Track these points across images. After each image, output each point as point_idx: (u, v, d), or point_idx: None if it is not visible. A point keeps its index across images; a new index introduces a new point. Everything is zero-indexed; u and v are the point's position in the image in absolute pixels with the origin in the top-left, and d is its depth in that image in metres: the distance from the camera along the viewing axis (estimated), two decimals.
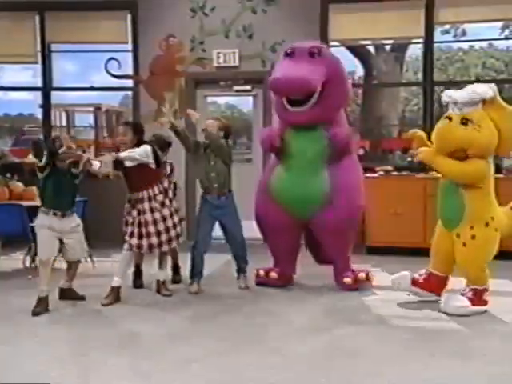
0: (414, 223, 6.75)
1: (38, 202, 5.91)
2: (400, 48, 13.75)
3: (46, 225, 4.74)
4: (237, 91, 8.10)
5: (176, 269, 5.70)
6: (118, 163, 4.88)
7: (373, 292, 5.23)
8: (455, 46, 18.48)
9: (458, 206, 4.58)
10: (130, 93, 8.56)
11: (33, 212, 5.95)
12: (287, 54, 5.20)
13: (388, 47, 13.30)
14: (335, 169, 5.13)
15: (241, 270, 5.43)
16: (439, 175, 4.90)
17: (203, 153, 5.31)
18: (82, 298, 5.02)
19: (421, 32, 7.55)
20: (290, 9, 7.78)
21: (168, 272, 5.42)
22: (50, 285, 4.73)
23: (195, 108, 8.09)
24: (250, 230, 5.70)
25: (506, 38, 7.41)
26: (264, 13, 7.82)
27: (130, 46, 8.21)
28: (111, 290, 4.96)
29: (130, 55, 8.23)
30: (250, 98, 8.30)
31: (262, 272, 5.44)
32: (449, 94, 4.60)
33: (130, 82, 8.25)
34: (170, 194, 5.12)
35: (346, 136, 5.14)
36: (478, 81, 16.48)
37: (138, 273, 5.50)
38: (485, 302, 4.58)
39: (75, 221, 4.94)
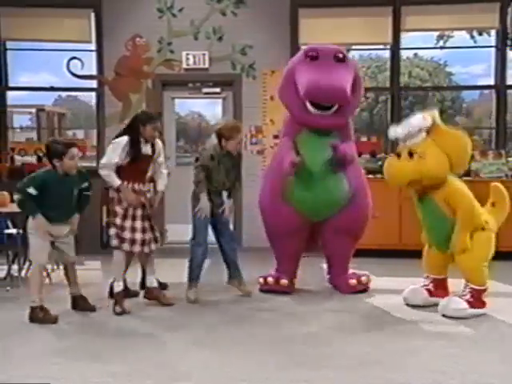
0: (390, 225, 6.59)
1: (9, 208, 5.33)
2: None
3: (42, 228, 4.21)
4: (205, 93, 7.64)
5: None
6: None
7: (372, 295, 4.99)
8: (385, 54, 18.71)
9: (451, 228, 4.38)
10: (64, 94, 7.88)
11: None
12: (311, 58, 4.79)
13: None
14: (349, 170, 4.91)
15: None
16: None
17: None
18: (93, 309, 4.49)
19: (388, 38, 7.40)
20: (260, 12, 7.42)
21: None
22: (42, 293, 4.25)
23: (162, 110, 7.61)
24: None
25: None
26: (234, 15, 7.42)
27: (93, 46, 7.57)
28: (118, 295, 4.47)
29: (93, 55, 7.59)
30: (188, 102, 7.82)
31: (270, 279, 4.99)
32: (392, 131, 4.53)
33: (93, 83, 7.62)
34: None
35: (349, 151, 4.88)
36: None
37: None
38: (483, 304, 4.40)
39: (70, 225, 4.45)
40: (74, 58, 7.48)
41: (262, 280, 5.05)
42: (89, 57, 7.61)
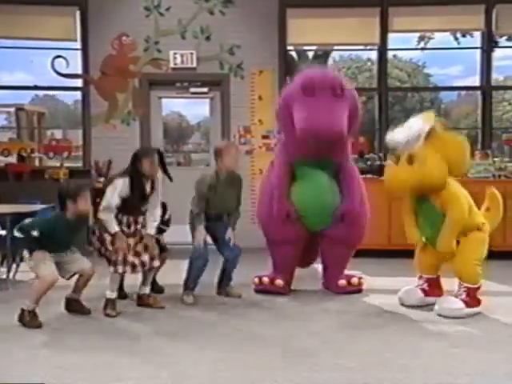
0: (380, 225, 6.58)
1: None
2: (322, 56, 13.79)
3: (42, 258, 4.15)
4: (193, 93, 7.57)
5: (120, 284, 4.85)
6: None
7: (366, 295, 4.97)
8: (365, 55, 18.79)
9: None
10: (41, 93, 7.71)
11: None
12: (306, 91, 4.53)
13: (311, 54, 13.25)
14: (347, 180, 4.95)
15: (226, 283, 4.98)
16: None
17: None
18: (88, 312, 4.38)
19: (376, 39, 7.43)
20: (248, 12, 7.37)
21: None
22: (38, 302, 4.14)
23: (149, 109, 7.52)
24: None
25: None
26: (222, 14, 7.36)
27: (78, 44, 7.44)
28: (112, 302, 4.39)
29: (78, 54, 7.46)
30: (168, 102, 7.76)
31: (265, 279, 4.97)
32: (390, 138, 4.50)
33: (79, 82, 7.50)
34: None
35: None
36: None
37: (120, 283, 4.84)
38: (478, 302, 4.43)
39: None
40: (59, 56, 7.37)
41: (256, 280, 5.02)
42: (73, 55, 7.49)
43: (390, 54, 19.53)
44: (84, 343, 3.76)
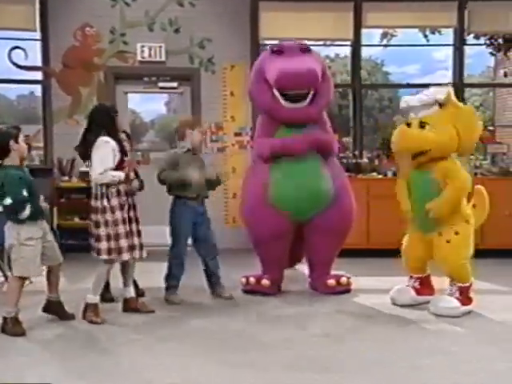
0: (358, 225, 6.55)
1: None
2: None
3: (37, 236, 3.95)
4: (161, 88, 7.39)
5: (107, 285, 4.72)
6: None
7: (356, 295, 4.96)
8: (323, 53, 18.91)
9: None
10: None
11: None
12: (276, 52, 4.84)
13: None
14: (331, 168, 4.90)
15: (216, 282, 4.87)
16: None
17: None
18: (72, 318, 4.21)
19: (349, 35, 7.44)
20: (219, 4, 7.25)
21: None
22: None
23: (115, 105, 7.27)
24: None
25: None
26: (192, 6, 7.22)
27: (38, 35, 7.14)
28: (94, 307, 4.19)
29: (37, 44, 7.16)
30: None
31: (252, 279, 4.90)
32: (405, 100, 4.58)
33: (38, 75, 7.20)
34: None
35: (330, 139, 4.97)
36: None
37: (106, 285, 4.65)
38: (470, 300, 4.47)
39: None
40: (17, 47, 7.05)
41: (244, 280, 4.97)
42: (32, 46, 7.19)
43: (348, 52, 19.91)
44: (70, 351, 3.60)
